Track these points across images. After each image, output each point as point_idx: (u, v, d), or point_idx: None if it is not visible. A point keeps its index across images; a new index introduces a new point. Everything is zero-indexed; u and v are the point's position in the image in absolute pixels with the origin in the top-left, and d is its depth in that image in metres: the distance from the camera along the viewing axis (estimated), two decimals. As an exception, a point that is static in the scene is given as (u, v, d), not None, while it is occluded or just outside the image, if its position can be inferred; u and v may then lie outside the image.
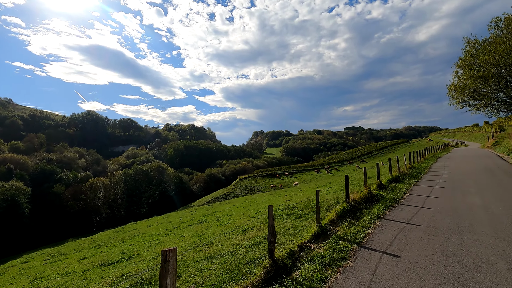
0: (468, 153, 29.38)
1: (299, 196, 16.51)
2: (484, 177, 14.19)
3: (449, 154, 28.48)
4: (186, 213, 27.47)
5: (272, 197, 21.18)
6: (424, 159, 22.03)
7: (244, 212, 13.67)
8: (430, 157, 23.65)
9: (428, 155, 25.06)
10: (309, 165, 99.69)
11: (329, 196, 11.81)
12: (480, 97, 19.81)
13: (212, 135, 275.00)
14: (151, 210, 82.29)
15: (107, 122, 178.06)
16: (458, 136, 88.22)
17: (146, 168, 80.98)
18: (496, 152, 24.91)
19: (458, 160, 21.47)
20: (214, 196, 79.21)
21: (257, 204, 17.38)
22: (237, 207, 18.86)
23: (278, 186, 75.44)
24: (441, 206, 9.34)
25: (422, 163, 19.64)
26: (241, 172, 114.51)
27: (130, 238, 14.13)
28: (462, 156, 25.68)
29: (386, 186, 12.95)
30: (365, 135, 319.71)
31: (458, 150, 35.92)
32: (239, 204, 21.44)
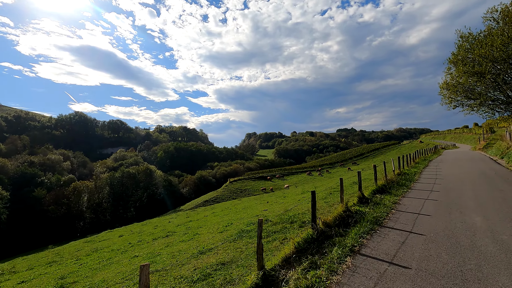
0: (460, 155, 28.50)
1: (280, 204, 15.22)
2: (482, 185, 12.68)
3: (440, 157, 27.52)
4: (165, 220, 25.84)
5: (254, 204, 19.81)
6: (415, 163, 21.13)
7: (217, 223, 12.27)
8: (421, 161, 22.77)
9: (419, 158, 24.04)
10: (301, 167, 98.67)
11: (308, 207, 10.43)
12: (475, 96, 18.74)
13: (204, 137, 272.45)
14: (138, 214, 79.86)
15: (96, 123, 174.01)
16: (448, 138, 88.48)
17: (133, 171, 78.64)
18: (488, 154, 24.03)
19: (451, 164, 20.46)
20: (203, 199, 77.36)
21: (236, 212, 15.98)
22: (215, 215, 17.45)
23: (268, 189, 74.12)
24: (436, 230, 7.50)
25: (413, 168, 18.44)
26: (233, 174, 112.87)
27: (88, 254, 12.57)
28: (454, 159, 24.66)
29: (369, 198, 11.14)
30: (357, 136, 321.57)
31: (449, 152, 35.02)
32: (219, 211, 20.06)
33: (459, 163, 20.51)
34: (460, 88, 18.84)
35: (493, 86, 17.12)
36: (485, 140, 34.86)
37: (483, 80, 16.58)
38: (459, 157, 26.57)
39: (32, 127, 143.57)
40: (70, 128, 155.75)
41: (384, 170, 14.74)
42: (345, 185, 17.01)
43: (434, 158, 26.10)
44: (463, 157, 26.34)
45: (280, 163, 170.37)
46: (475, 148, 33.68)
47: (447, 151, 36.88)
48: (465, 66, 16.91)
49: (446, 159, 25.26)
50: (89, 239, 22.29)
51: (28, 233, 57.18)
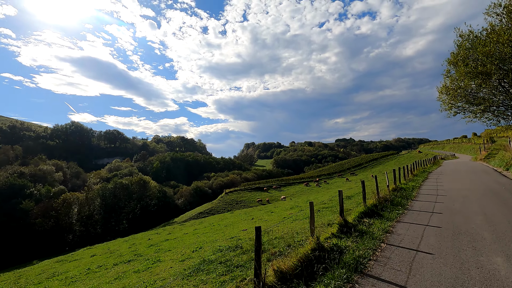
0: (461, 167, 26.97)
1: (264, 222, 13.73)
2: (493, 206, 10.55)
3: (440, 168, 26.16)
4: (148, 236, 24.10)
5: (240, 220, 18.26)
6: (413, 175, 19.64)
7: (188, 246, 10.74)
8: (420, 173, 21.46)
9: (418, 170, 22.63)
10: (298, 177, 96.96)
11: (292, 227, 8.92)
12: (478, 101, 17.02)
13: (202, 147, 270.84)
14: (131, 226, 77.72)
15: (92, 133, 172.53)
16: (447, 148, 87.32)
17: (126, 182, 76.75)
18: (491, 165, 22.65)
19: (452, 177, 18.99)
20: (197, 211, 75.41)
21: (215, 231, 14.41)
22: (195, 233, 15.90)
23: (264, 200, 72.29)
24: (442, 281, 5.17)
25: (411, 182, 16.71)
26: (229, 185, 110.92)
27: (40, 281, 10.96)
28: (455, 170, 23.22)
29: (354, 225, 8.72)
30: (356, 147, 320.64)
31: (449, 163, 33.66)
32: (202, 227, 18.55)
33: (461, 176, 19.13)
34: (461, 92, 17.26)
35: (498, 89, 15.72)
36: (486, 150, 33.57)
37: (488, 82, 15.11)
38: (460, 168, 25.27)
39: (26, 137, 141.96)
40: (65, 138, 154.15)
41: (376, 186, 12.56)
42: (337, 200, 15.51)
43: (433, 170, 24.86)
44: (464, 168, 25.03)
45: (278, 173, 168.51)
46: (476, 158, 32.31)
47: (447, 162, 35.51)
48: (467, 66, 15.37)
49: (446, 170, 24.07)
50: (61, 258, 20.52)
51: (13, 247, 54.89)
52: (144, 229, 72.07)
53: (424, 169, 25.53)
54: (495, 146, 33.09)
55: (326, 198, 19.87)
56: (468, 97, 16.72)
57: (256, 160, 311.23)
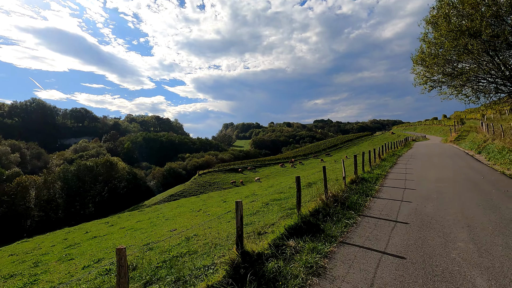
0: (432, 149, 25.93)
1: (206, 217, 11.55)
2: (478, 210, 7.57)
3: (411, 151, 25.39)
4: (98, 225, 21.38)
5: (187, 211, 16.07)
6: (381, 159, 18.04)
7: (91, 254, 8.34)
8: (389, 156, 20.21)
9: (387, 153, 21.73)
10: (274, 158, 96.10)
11: (228, 229, 6.67)
12: (458, 72, 14.55)
13: (179, 127, 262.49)
14: (98, 210, 74.20)
15: (57, 111, 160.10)
16: (419, 129, 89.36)
17: (91, 164, 71.89)
18: (462, 148, 21.84)
19: (424, 161, 17.86)
20: (169, 193, 72.88)
21: (150, 227, 12.13)
22: (125, 230, 13.53)
23: (238, 182, 70.90)
24: None
25: (376, 169, 14.53)
26: (205, 166, 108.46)
27: None
28: (427, 154, 22.03)
29: (281, 244, 5.68)
30: (333, 127, 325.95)
31: (420, 145, 33.03)
32: (155, 216, 16.30)
33: (433, 160, 18.01)
34: (439, 61, 14.44)
35: (485, 56, 13.53)
36: (456, 131, 33.26)
37: (475, 44, 12.49)
38: (432, 151, 24.16)
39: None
40: (26, 116, 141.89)
41: (324, 182, 8.73)
42: (302, 186, 13.57)
43: (404, 153, 24.04)
44: (436, 151, 24.10)
45: (255, 154, 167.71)
46: (446, 140, 31.93)
47: (418, 144, 34.95)
48: (450, 24, 12.69)
49: (417, 153, 23.18)
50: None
51: (-43, 236, 50.06)
52: (113, 212, 68.78)
53: (394, 152, 24.01)
54: (465, 127, 32.87)
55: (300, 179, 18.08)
56: (447, 67, 14.44)
57: (235, 140, 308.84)
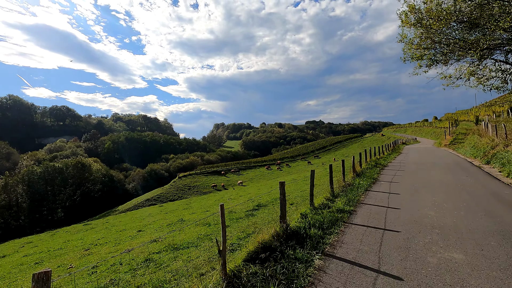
0: (425, 156, 21.42)
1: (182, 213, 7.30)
2: None
3: (400, 158, 21.43)
4: (51, 235, 16.75)
5: (129, 221, 11.82)
6: (356, 174, 12.80)
7: None
8: (370, 167, 15.54)
9: (370, 162, 17.10)
10: (260, 160, 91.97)
11: None
12: (454, 42, 9.36)
13: (168, 126, 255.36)
14: (69, 215, 68.94)
15: (35, 109, 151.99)
16: (409, 132, 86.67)
17: (60, 165, 66.36)
18: (461, 155, 17.69)
19: (416, 178, 12.60)
20: (145, 197, 68.14)
21: (119, 233, 7.95)
22: (75, 239, 9.27)
23: (220, 185, 66.65)
24: None
25: (340, 198, 8.65)
26: (189, 167, 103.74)
27: None
28: (420, 164, 17.09)
29: None
30: (324, 129, 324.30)
31: (411, 149, 28.43)
32: (118, 222, 12.06)
33: (430, 176, 12.81)
34: (445, 17, 8.73)
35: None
36: (451, 134, 29.66)
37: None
38: (426, 159, 19.67)
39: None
40: (0, 113, 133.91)
41: (283, 208, 5.91)
42: (276, 197, 9.39)
43: (391, 161, 19.63)
44: (430, 158, 19.60)
45: (244, 155, 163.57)
46: (440, 144, 28.20)
47: (408, 148, 31.01)
48: None
49: (407, 162, 18.61)
50: None
51: None
52: (84, 218, 63.73)
53: (378, 160, 18.81)
54: (460, 130, 29.40)
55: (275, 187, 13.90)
56: (456, 28, 9.08)
57: (225, 141, 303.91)
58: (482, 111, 50.73)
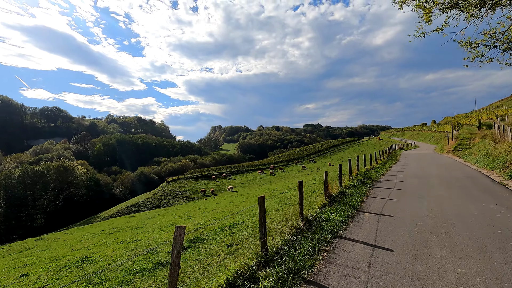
0: (427, 166, 17.83)
1: None
2: None
3: (396, 168, 17.58)
4: None
5: (78, 237, 8.82)
6: (330, 198, 8.90)
7: None
8: (356, 184, 11.79)
9: (357, 176, 13.25)
10: (253, 164, 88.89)
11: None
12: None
13: (164, 129, 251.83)
14: (50, 221, 65.70)
15: (25, 110, 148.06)
16: (407, 136, 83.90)
17: (41, 168, 62.94)
18: (474, 165, 14.22)
19: (419, 205, 8.62)
20: (130, 203, 64.78)
21: None
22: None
23: (209, 191, 63.45)
24: None
25: (303, 244, 5.33)
26: (181, 171, 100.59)
27: None
28: (422, 178, 13.46)
29: None
30: (322, 132, 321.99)
31: (410, 156, 24.77)
32: (94, 229, 8.83)
33: (437, 201, 9.01)
34: None
35: None
36: (454, 139, 26.64)
37: None
38: (428, 170, 15.90)
39: None
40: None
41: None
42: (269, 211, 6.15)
43: (384, 174, 15.72)
44: (433, 169, 15.86)
45: (239, 158, 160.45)
46: (443, 149, 25.15)
47: (406, 154, 27.75)
48: None
49: (406, 175, 14.81)
50: None
51: None
52: (66, 224, 60.59)
53: (367, 174, 14.46)
54: (464, 134, 26.46)
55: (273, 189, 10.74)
56: None
57: (222, 144, 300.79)
58: (484, 114, 47.99)
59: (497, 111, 47.16)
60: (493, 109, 59.35)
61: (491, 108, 66.56)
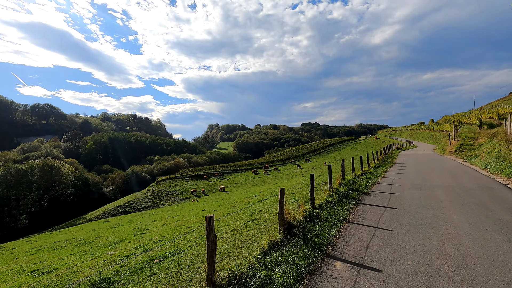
0: (429, 171, 15.08)
1: None
2: None
3: (392, 174, 14.73)
4: None
5: None
6: (299, 224, 5.88)
7: None
8: (336, 200, 8.61)
9: (340, 189, 9.81)
10: (247, 163, 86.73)
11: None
12: None
13: (160, 127, 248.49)
14: (35, 222, 63.36)
15: (15, 107, 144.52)
16: (404, 135, 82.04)
17: (24, 167, 60.40)
18: (481, 169, 12.16)
19: (424, 240, 5.57)
20: (117, 204, 62.40)
21: None
22: None
23: (199, 191, 61.30)
24: None
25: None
26: (174, 170, 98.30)
27: None
28: (423, 189, 10.65)
29: None
30: (319, 131, 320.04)
31: (408, 158, 23.00)
32: (60, 236, 6.62)
33: (449, 227, 6.25)
34: None
35: None
36: (456, 138, 24.51)
37: None
38: (430, 177, 13.01)
39: None
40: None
41: None
42: None
43: (377, 181, 12.72)
44: (437, 176, 13.14)
45: (235, 157, 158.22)
46: (444, 150, 23.05)
47: (404, 155, 25.52)
48: None
49: (403, 185, 11.77)
50: None
51: None
52: (52, 225, 58.47)
53: (353, 185, 10.96)
54: (466, 133, 24.42)
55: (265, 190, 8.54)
56: None
57: (219, 142, 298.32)
58: (484, 113, 46.05)
59: (497, 110, 45.25)
60: (493, 107, 57.45)
61: (490, 107, 64.72)
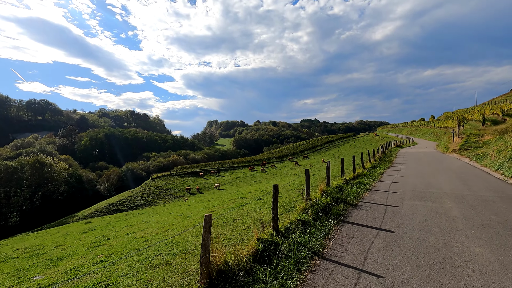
0: (433, 173, 13.22)
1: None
2: None
3: (390, 177, 13.01)
4: None
5: None
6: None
7: None
8: (314, 219, 6.40)
9: (321, 199, 7.72)
10: (244, 160, 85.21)
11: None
12: None
13: (158, 123, 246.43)
14: (26, 220, 62.24)
15: (10, 102, 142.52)
16: (404, 131, 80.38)
17: (14, 164, 58.89)
18: (493, 171, 10.48)
19: None
20: (110, 202, 60.92)
21: None
22: None
23: (194, 189, 59.76)
24: None
25: None
26: (171, 167, 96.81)
27: None
28: (428, 199, 8.72)
29: None
30: (319, 127, 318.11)
31: (408, 157, 21.22)
32: (34, 240, 5.33)
33: (473, 268, 4.34)
34: None
35: None
36: (460, 136, 22.79)
37: None
38: (436, 182, 11.21)
39: None
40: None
41: None
42: None
43: (371, 187, 10.96)
44: (443, 181, 11.28)
45: (233, 154, 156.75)
46: (447, 148, 21.40)
47: (404, 153, 23.75)
48: None
49: (403, 192, 9.91)
50: None
51: None
52: (44, 223, 57.20)
53: (340, 195, 8.78)
54: (470, 130, 22.86)
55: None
56: None
57: (218, 138, 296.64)
58: (487, 109, 44.36)
59: (501, 106, 43.56)
60: (496, 104, 55.66)
61: (493, 103, 62.95)
